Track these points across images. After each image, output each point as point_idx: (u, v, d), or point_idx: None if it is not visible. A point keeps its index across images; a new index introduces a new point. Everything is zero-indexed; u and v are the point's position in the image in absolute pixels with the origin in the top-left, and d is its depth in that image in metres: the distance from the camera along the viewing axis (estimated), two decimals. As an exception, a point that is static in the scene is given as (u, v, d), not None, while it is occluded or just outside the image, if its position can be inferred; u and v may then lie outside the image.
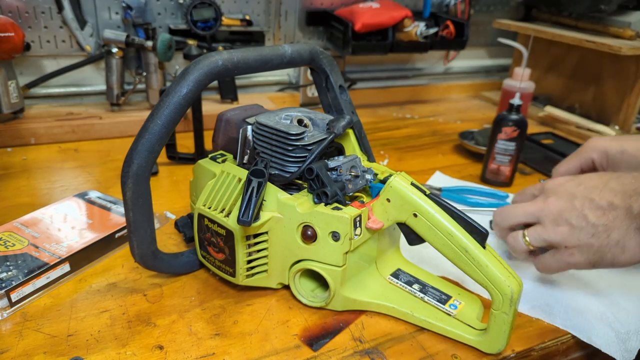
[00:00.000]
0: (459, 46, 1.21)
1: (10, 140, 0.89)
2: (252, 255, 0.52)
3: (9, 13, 0.92)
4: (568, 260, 0.52)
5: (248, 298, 0.55)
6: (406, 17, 1.11)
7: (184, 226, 0.62)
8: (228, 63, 0.49)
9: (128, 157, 0.47)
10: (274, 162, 0.53)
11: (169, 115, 0.47)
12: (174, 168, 0.85)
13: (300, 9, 1.15)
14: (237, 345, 0.48)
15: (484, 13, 1.39)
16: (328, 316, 0.53)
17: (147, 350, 0.47)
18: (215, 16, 1.03)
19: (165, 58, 0.96)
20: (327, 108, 0.63)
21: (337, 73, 0.61)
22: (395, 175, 0.49)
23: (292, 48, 0.55)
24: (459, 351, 0.50)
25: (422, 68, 1.40)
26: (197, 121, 0.81)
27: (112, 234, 0.61)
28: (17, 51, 0.86)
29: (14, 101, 0.89)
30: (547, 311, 0.55)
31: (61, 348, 0.47)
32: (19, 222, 0.62)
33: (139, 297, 0.54)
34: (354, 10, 1.10)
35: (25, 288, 0.52)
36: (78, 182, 0.79)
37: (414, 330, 0.52)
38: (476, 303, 0.53)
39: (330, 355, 0.48)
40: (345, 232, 0.48)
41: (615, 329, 0.53)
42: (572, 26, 1.20)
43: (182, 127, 0.98)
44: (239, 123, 0.57)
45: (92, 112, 0.98)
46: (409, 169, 0.91)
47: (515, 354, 0.50)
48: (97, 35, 1.00)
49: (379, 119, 1.19)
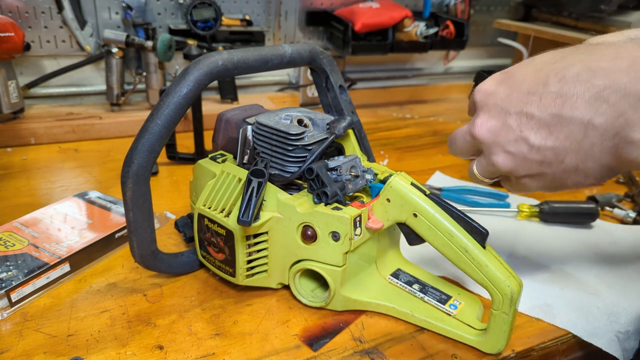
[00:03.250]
0: (459, 46, 1.21)
1: (10, 140, 0.89)
2: (252, 255, 0.52)
3: (9, 13, 0.92)
4: (527, 188, 0.42)
5: (248, 298, 0.55)
6: (406, 17, 1.12)
7: (184, 226, 0.62)
8: (228, 63, 0.49)
9: (128, 157, 0.47)
10: (274, 162, 0.53)
11: (169, 115, 0.47)
12: (174, 168, 0.85)
13: (300, 9, 1.15)
14: (237, 345, 0.48)
15: (484, 13, 1.39)
16: (328, 316, 0.53)
17: (147, 350, 0.47)
18: (215, 16, 1.03)
19: (165, 58, 0.96)
20: (327, 108, 0.63)
21: (337, 73, 0.61)
22: (395, 175, 0.49)
23: (292, 48, 0.55)
24: (459, 351, 0.50)
25: (422, 68, 1.40)
26: (197, 121, 0.81)
27: (112, 234, 0.61)
28: (17, 51, 0.86)
29: (14, 101, 0.89)
30: (547, 311, 0.55)
31: (61, 348, 0.47)
32: (19, 222, 0.62)
33: (139, 297, 0.54)
34: (354, 10, 1.10)
35: (25, 288, 0.52)
36: (78, 182, 0.79)
37: (414, 330, 0.52)
38: (476, 303, 0.53)
39: (330, 355, 0.48)
40: (345, 232, 0.48)
41: (615, 329, 0.53)
42: (572, 26, 1.20)
43: (182, 127, 0.98)
44: (239, 123, 0.57)
45: (92, 112, 0.98)
46: (409, 169, 0.91)
47: (515, 354, 0.50)
48: (97, 35, 1.00)
49: (379, 119, 1.19)
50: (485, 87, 0.40)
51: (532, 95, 0.36)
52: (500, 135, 0.39)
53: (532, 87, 0.36)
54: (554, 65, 0.36)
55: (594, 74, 0.33)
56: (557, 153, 0.36)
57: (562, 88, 0.34)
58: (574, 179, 0.38)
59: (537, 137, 0.36)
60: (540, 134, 0.36)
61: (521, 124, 0.37)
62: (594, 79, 0.33)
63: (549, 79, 0.35)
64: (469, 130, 0.41)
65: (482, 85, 0.41)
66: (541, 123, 0.36)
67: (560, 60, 0.36)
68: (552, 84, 0.35)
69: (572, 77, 0.34)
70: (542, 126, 0.36)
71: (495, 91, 0.39)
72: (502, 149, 0.39)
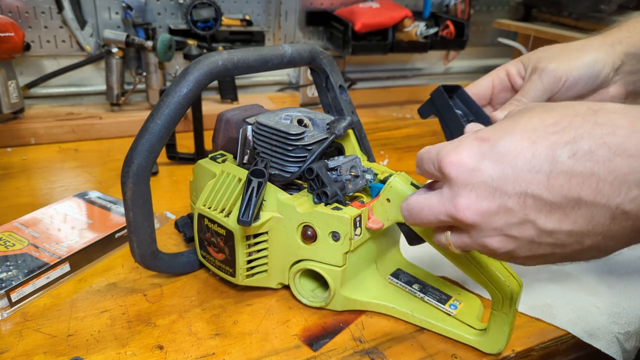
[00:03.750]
0: (459, 46, 1.21)
1: (10, 140, 0.89)
2: (252, 255, 0.52)
3: (9, 13, 0.92)
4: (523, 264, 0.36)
5: (248, 298, 0.55)
6: (406, 17, 1.12)
7: (184, 226, 0.62)
8: (228, 63, 0.49)
9: (128, 157, 0.47)
10: (274, 162, 0.53)
11: (169, 115, 0.47)
12: (174, 168, 0.85)
13: (300, 9, 1.15)
14: (237, 345, 0.48)
15: (484, 13, 1.39)
16: (328, 316, 0.53)
17: (147, 350, 0.47)
18: (215, 16, 1.03)
19: (165, 58, 0.96)
20: (327, 108, 0.63)
21: (337, 73, 0.61)
22: (395, 175, 0.49)
23: (292, 48, 0.55)
24: (459, 351, 0.50)
25: (422, 68, 1.40)
26: (197, 121, 0.81)
27: (112, 234, 0.61)
28: (17, 51, 0.86)
29: (14, 101, 0.89)
30: (547, 311, 0.55)
31: (61, 348, 0.47)
32: (19, 222, 0.62)
33: (139, 297, 0.54)
34: (354, 10, 1.10)
35: (25, 288, 0.52)
36: (78, 182, 0.79)
37: (414, 330, 0.52)
38: (476, 303, 0.53)
39: (330, 355, 0.48)
40: (345, 232, 0.48)
41: (615, 330, 0.53)
42: (572, 26, 1.20)
43: (182, 127, 0.98)
44: (239, 123, 0.57)
45: (92, 112, 0.98)
46: (409, 169, 0.91)
47: (515, 354, 0.50)
48: (97, 35, 1.00)
49: (379, 119, 1.19)
50: (463, 161, 0.33)
51: (537, 173, 0.30)
52: (496, 219, 0.32)
53: (534, 163, 0.30)
54: (554, 136, 0.30)
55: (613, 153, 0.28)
56: (575, 236, 0.31)
57: (575, 166, 0.29)
58: (588, 255, 0.33)
59: (548, 221, 0.31)
60: (552, 217, 0.31)
61: (526, 207, 0.31)
62: (615, 160, 0.28)
63: (555, 154, 0.30)
64: (445, 211, 0.34)
65: (456, 157, 0.34)
66: (553, 206, 0.30)
67: (561, 131, 0.30)
68: (562, 161, 0.29)
69: (584, 153, 0.29)
70: (555, 209, 0.30)
71: (479, 168, 0.32)
72: (500, 232, 0.33)
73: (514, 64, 0.53)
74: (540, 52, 0.53)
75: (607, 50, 0.52)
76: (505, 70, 0.52)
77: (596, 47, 0.52)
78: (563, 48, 0.53)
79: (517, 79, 0.52)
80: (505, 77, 0.52)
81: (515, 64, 0.53)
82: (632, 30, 0.53)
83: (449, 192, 0.34)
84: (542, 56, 0.52)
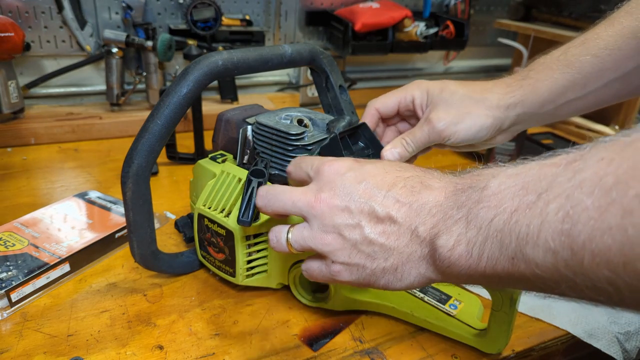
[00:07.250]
0: (459, 46, 1.21)
1: (10, 140, 0.89)
2: (252, 255, 0.52)
3: (9, 13, 0.92)
4: (333, 276, 0.41)
5: (248, 298, 0.55)
6: (406, 17, 1.11)
7: (184, 226, 0.62)
8: (228, 63, 0.49)
9: (128, 157, 0.47)
10: (274, 162, 0.53)
11: (169, 115, 0.47)
12: (174, 168, 0.85)
13: (300, 9, 1.15)
14: (237, 345, 0.48)
15: (484, 13, 1.39)
16: (328, 316, 0.53)
17: (147, 350, 0.47)
18: (215, 16, 1.03)
19: (165, 58, 0.96)
20: (327, 108, 0.63)
21: (337, 73, 0.61)
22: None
23: (292, 48, 0.55)
24: (459, 351, 0.50)
25: (422, 68, 1.40)
26: (197, 121, 0.81)
27: (112, 234, 0.61)
28: (17, 51, 0.86)
29: (14, 101, 0.89)
30: (547, 311, 0.55)
31: (61, 348, 0.47)
32: (19, 222, 0.62)
33: (139, 297, 0.54)
34: (354, 10, 1.10)
35: (25, 288, 0.52)
36: (78, 182, 0.79)
37: (414, 330, 0.52)
38: (476, 303, 0.53)
39: (330, 355, 0.48)
40: (345, 232, 0.48)
41: (615, 330, 0.53)
42: (572, 26, 1.20)
43: (182, 127, 0.99)
44: (239, 123, 0.57)
45: (92, 112, 0.98)
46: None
47: (515, 354, 0.50)
48: (97, 35, 1.00)
49: (379, 119, 1.19)
50: (337, 167, 0.42)
51: (379, 192, 0.39)
52: (339, 216, 0.39)
53: (379, 184, 0.39)
54: (400, 173, 0.40)
55: (423, 187, 0.38)
56: (385, 251, 0.38)
57: (401, 195, 0.38)
58: (387, 278, 0.39)
59: (372, 230, 0.38)
60: (376, 228, 0.38)
61: (362, 213, 0.39)
62: (420, 194, 0.38)
63: (395, 183, 0.39)
64: (305, 199, 0.41)
65: (335, 163, 0.42)
66: (379, 219, 0.38)
67: (404, 170, 0.40)
68: (396, 190, 0.39)
69: (411, 186, 0.39)
70: (379, 222, 0.38)
71: (346, 175, 0.41)
72: (336, 229, 0.40)
73: (420, 93, 0.56)
74: (443, 92, 0.54)
75: (500, 114, 0.52)
76: (412, 97, 0.56)
77: (490, 108, 0.52)
78: (461, 99, 0.53)
79: (418, 109, 0.56)
80: (411, 102, 0.56)
81: (421, 94, 0.56)
82: (539, 81, 0.52)
83: (315, 186, 0.42)
84: (439, 102, 0.54)
